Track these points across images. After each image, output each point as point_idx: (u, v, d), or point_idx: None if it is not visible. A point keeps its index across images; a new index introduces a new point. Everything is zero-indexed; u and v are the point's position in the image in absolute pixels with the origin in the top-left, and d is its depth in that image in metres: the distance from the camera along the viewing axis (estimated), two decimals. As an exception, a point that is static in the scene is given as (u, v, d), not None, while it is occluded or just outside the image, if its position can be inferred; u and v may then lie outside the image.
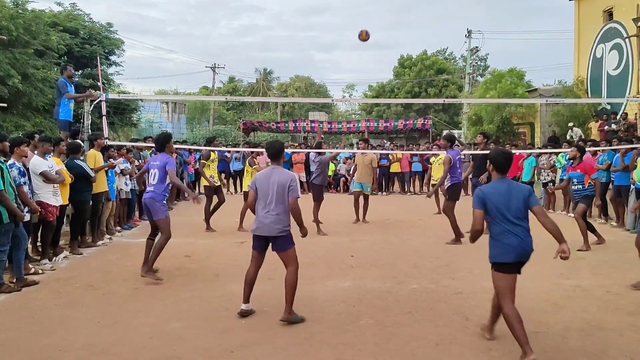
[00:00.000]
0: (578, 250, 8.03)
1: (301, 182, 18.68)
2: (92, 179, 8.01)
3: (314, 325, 4.78)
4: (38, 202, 6.79)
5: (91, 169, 8.30)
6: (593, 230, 8.72)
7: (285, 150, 9.02)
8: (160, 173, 6.55)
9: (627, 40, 18.55)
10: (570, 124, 18.07)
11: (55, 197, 7.18)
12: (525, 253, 4.25)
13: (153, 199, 6.58)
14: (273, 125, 27.45)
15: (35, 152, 7.25)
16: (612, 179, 10.84)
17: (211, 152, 10.53)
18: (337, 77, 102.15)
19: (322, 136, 23.63)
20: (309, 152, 18.42)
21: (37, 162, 6.98)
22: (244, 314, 5.08)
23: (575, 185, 8.56)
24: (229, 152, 17.92)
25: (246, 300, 5.18)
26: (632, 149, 10.50)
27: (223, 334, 4.57)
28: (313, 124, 26.23)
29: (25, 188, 6.46)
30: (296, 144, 23.06)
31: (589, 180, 8.53)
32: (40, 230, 7.34)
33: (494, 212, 4.22)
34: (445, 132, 7.49)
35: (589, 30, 21.01)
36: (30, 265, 6.74)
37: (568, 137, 17.32)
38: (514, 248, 4.17)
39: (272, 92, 49.83)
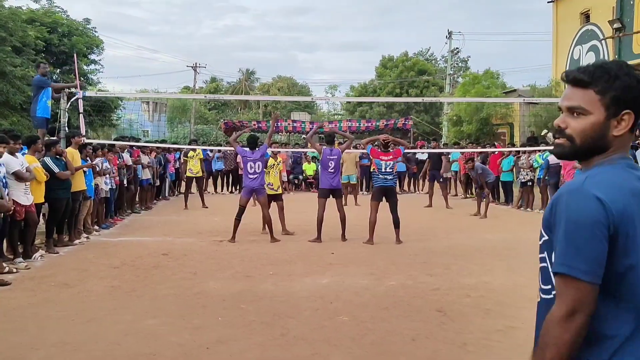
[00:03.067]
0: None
1: (283, 182, 18.61)
2: (57, 174, 7.88)
3: (290, 322, 4.77)
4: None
5: (68, 168, 8.23)
6: None
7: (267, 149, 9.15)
8: None
9: (603, 42, 18.87)
10: (544, 132, 18.18)
11: (25, 195, 7.07)
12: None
13: None
14: (254, 124, 27.34)
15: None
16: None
17: (270, 158, 10.28)
18: (320, 78, 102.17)
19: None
20: (290, 152, 18.43)
21: (9, 161, 6.85)
22: None
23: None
24: (211, 151, 17.83)
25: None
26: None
27: (198, 330, 4.53)
28: (295, 124, 26.20)
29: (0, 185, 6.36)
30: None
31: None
32: (8, 229, 7.18)
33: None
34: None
35: (567, 32, 21.32)
36: (5, 265, 6.63)
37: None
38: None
39: (254, 92, 49.65)
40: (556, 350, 1.38)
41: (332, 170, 8.96)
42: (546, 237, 1.47)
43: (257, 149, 9.02)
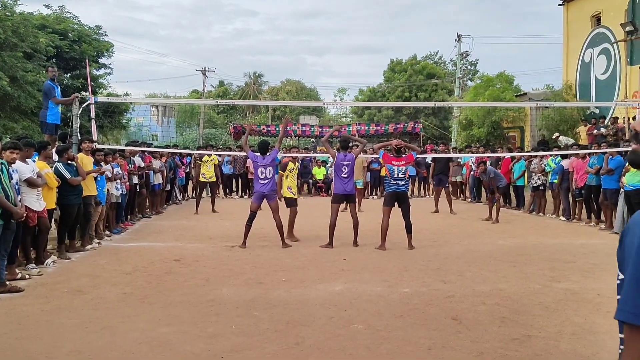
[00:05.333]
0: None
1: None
2: (68, 181, 7.91)
3: (305, 330, 4.74)
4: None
5: (79, 173, 8.25)
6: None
7: (275, 154, 9.11)
8: None
9: (614, 45, 18.73)
10: (556, 135, 18.07)
11: (38, 201, 7.08)
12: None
13: None
14: (264, 128, 27.39)
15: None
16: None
17: (290, 162, 10.06)
18: (329, 81, 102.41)
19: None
20: (299, 156, 18.39)
21: (22, 168, 6.86)
22: None
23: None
24: (219, 155, 17.86)
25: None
26: (619, 152, 10.59)
27: (212, 339, 4.50)
28: (304, 128, 26.23)
29: (13, 192, 6.37)
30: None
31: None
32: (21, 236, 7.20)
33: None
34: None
35: (578, 35, 21.19)
36: (17, 270, 6.64)
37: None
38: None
39: (263, 95, 49.75)
40: None
41: (346, 176, 8.92)
42: (622, 276, 1.23)
43: (268, 154, 8.98)
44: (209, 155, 14.28)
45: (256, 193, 8.97)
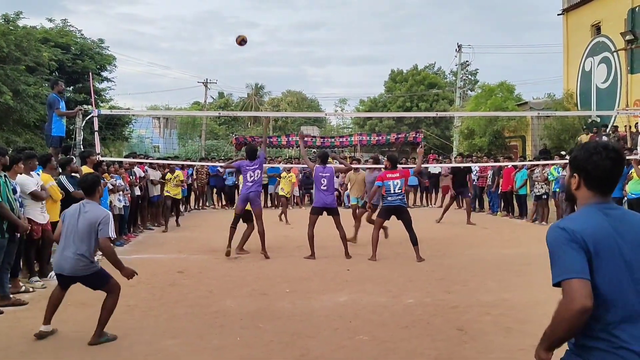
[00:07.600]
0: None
1: (294, 197, 18.66)
2: (72, 194, 7.92)
3: (310, 341, 4.72)
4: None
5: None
6: None
7: (277, 165, 9.13)
8: None
9: (615, 54, 18.80)
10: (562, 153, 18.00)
11: (42, 214, 7.08)
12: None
13: None
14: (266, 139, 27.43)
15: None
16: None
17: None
18: (330, 92, 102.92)
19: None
20: (301, 167, 18.44)
21: (26, 181, 6.87)
22: None
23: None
24: (221, 167, 17.86)
25: None
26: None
27: (218, 351, 4.49)
28: (305, 138, 26.28)
29: (17, 205, 6.38)
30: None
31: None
32: (24, 248, 7.19)
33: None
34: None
35: (578, 44, 21.29)
36: (21, 283, 6.64)
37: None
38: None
39: (264, 107, 49.93)
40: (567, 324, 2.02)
41: (325, 188, 8.83)
42: None
43: (256, 158, 9.06)
44: (172, 172, 13.09)
45: (241, 196, 9.03)
